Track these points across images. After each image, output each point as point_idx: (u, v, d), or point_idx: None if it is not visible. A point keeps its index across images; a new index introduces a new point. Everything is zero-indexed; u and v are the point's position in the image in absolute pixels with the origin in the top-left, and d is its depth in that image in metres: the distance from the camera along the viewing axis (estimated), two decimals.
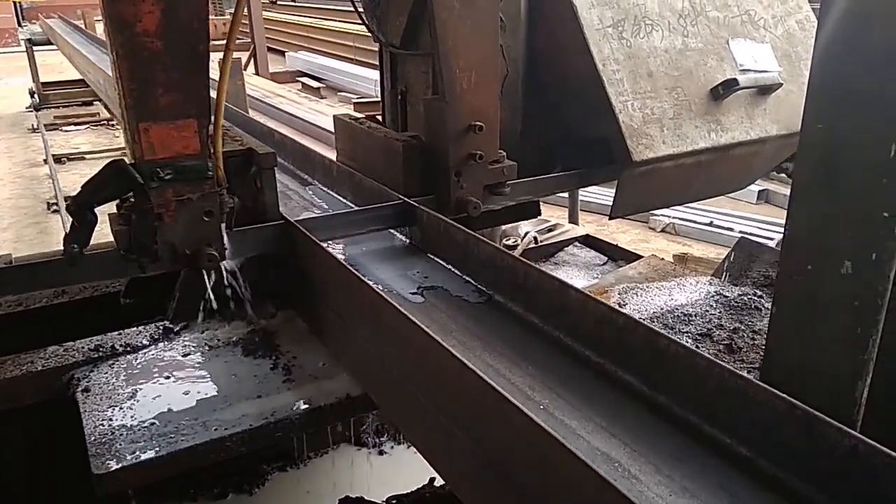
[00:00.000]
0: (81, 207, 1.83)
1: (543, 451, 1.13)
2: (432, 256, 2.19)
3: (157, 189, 1.86)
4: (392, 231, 2.36)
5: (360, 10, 2.81)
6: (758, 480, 1.23)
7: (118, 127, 10.74)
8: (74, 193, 1.84)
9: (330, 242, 2.16)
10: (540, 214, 2.99)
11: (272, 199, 2.14)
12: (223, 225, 2.00)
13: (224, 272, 2.04)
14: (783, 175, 7.53)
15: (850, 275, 1.59)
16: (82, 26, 11.86)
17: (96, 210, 1.85)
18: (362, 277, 1.69)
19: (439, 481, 2.33)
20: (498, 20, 2.28)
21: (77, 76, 12.22)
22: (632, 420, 1.40)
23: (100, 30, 17.67)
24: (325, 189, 2.83)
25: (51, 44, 12.07)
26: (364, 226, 2.22)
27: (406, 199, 2.27)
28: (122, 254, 1.92)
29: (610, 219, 2.77)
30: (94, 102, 12.05)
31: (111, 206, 1.93)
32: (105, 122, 11.20)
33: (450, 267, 2.11)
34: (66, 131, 10.79)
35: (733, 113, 2.76)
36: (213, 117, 1.92)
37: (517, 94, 2.74)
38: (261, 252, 2.12)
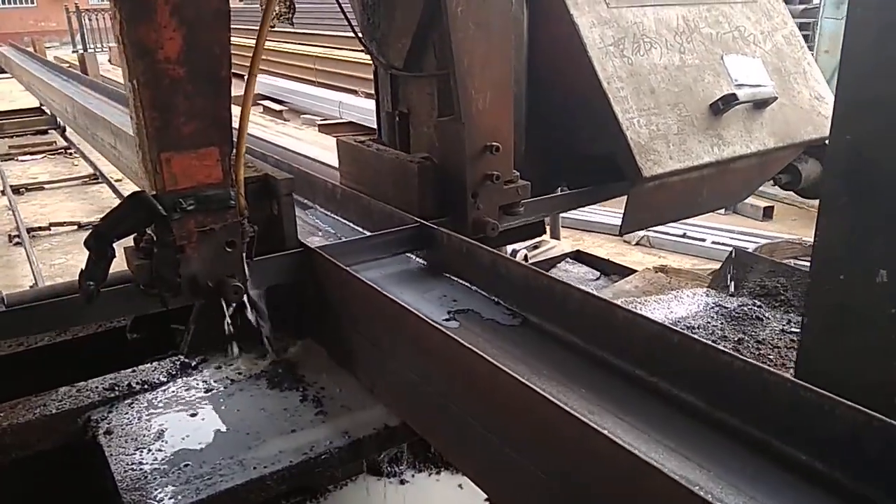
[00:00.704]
0: (101, 241, 1.74)
1: (634, 478, 1.11)
2: (454, 278, 2.16)
3: (180, 220, 1.79)
4: (408, 254, 2.32)
5: (359, 34, 2.78)
6: (838, 496, 1.22)
7: (76, 156, 10.47)
8: (94, 225, 1.76)
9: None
10: (545, 233, 2.98)
11: (290, 227, 2.09)
12: (244, 255, 1.94)
13: (245, 303, 1.98)
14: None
15: (886, 283, 1.61)
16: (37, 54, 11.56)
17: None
18: (402, 303, 1.65)
19: None
20: (511, 41, 2.28)
21: (30, 104, 11.94)
22: (700, 441, 1.38)
23: (51, 55, 17.30)
24: (327, 213, 2.78)
25: (3, 72, 11.73)
26: (387, 250, 2.18)
27: (422, 221, 2.24)
28: (141, 288, 1.85)
29: (620, 234, 2.78)
30: (50, 131, 11.75)
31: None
32: (63, 150, 10.91)
33: (475, 289, 2.08)
34: (23, 161, 10.46)
35: (733, 127, 2.80)
36: (235, 145, 1.86)
37: (521, 113, 2.74)
38: (282, 282, 2.06)
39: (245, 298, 1.99)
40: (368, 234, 2.37)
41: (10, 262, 6.99)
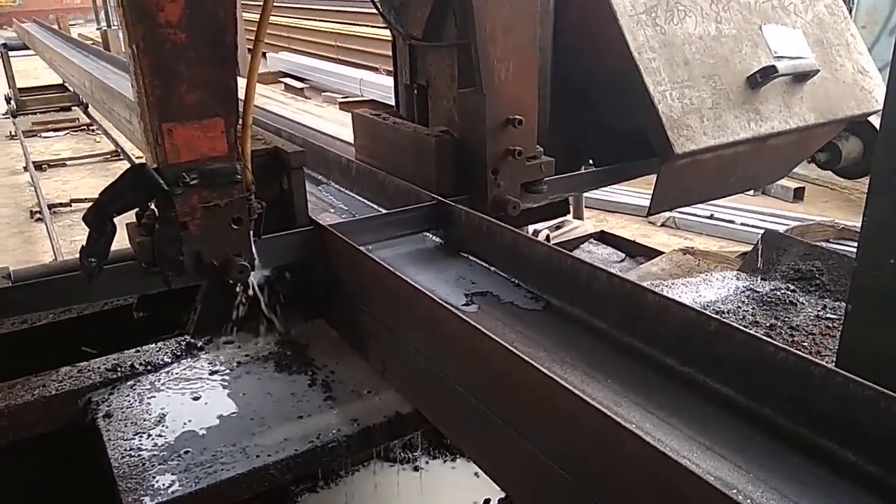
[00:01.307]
0: (99, 217, 1.66)
1: (663, 479, 1.00)
2: (472, 258, 2.05)
3: (183, 195, 1.70)
4: (424, 233, 2.21)
5: (377, 1, 2.65)
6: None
7: (98, 132, 10.47)
8: (91, 202, 1.67)
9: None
10: (569, 212, 2.85)
11: (301, 202, 1.98)
12: (251, 232, 1.84)
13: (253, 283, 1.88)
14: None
15: None
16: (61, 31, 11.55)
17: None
18: (415, 284, 1.55)
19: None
20: (537, 5, 2.14)
21: (54, 81, 11.95)
22: (738, 439, 1.26)
23: (75, 32, 17.32)
24: (342, 189, 2.68)
25: (26, 48, 11.75)
26: (402, 228, 2.07)
27: (439, 198, 2.12)
28: (144, 267, 1.76)
29: (648, 215, 2.65)
30: (73, 108, 11.77)
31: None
32: (85, 127, 10.92)
33: (495, 270, 1.97)
34: (46, 137, 10.49)
35: (771, 101, 2.64)
36: (240, 116, 1.76)
37: (546, 84, 2.60)
38: (291, 260, 1.96)
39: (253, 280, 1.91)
40: (383, 211, 2.26)
41: (31, 237, 7.00)
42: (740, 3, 2.72)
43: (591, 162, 2.82)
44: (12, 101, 11.62)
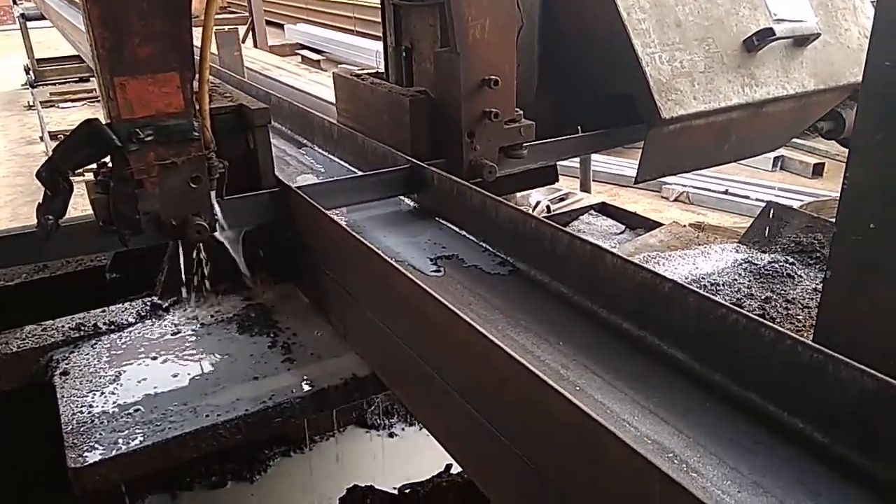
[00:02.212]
0: (53, 174, 1.63)
1: (589, 441, 0.95)
2: (443, 222, 2.00)
3: (137, 152, 1.66)
4: (399, 197, 2.15)
5: None
6: (840, 471, 1.04)
7: None
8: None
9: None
10: (557, 180, 2.78)
11: (266, 161, 1.94)
12: (213, 192, 1.80)
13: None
14: (803, 142, 7.29)
15: None
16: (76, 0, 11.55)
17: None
18: (375, 248, 1.50)
19: (456, 468, 2.15)
20: None
21: (71, 52, 11.98)
22: (683, 403, 1.21)
23: None
24: (324, 153, 2.63)
25: (44, 18, 11.78)
26: (371, 192, 2.02)
27: (413, 160, 2.06)
28: (101, 225, 1.73)
29: (635, 183, 2.57)
30: (90, 78, 11.79)
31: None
32: None
33: (464, 233, 1.91)
34: (63, 108, 10.55)
35: (768, 66, 2.54)
36: (197, 71, 1.71)
37: (532, 47, 2.52)
38: (257, 223, 1.92)
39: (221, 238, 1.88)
40: (357, 174, 2.21)
41: None
42: None
43: (580, 129, 2.74)
44: (31, 72, 11.69)
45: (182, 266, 1.89)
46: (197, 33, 1.67)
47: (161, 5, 1.58)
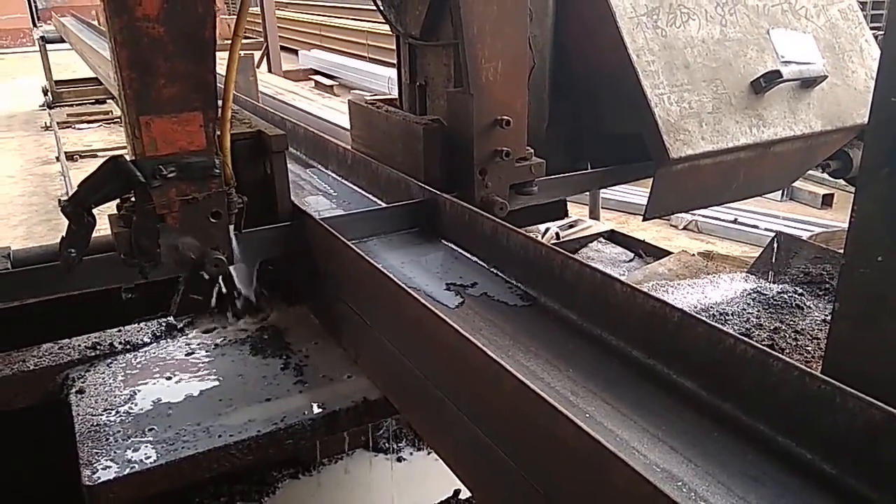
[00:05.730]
0: (78, 208, 1.68)
1: (597, 468, 0.97)
2: (455, 247, 2.04)
3: (160, 188, 1.71)
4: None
5: (378, 1, 2.65)
6: (848, 503, 1.06)
7: None
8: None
9: None
10: (567, 215, 2.82)
11: (283, 187, 1.99)
12: (231, 227, 1.86)
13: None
14: (813, 172, 7.29)
15: None
16: (96, 24, 11.79)
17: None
18: (392, 276, 1.53)
19: (465, 493, 2.17)
20: (527, 5, 2.12)
21: (90, 74, 12.18)
22: (693, 432, 1.23)
23: None
24: (338, 178, 2.70)
25: (63, 41, 12.01)
26: (390, 225, 2.07)
27: (426, 186, 2.11)
28: (122, 258, 1.78)
29: (644, 220, 2.60)
30: (107, 100, 11.99)
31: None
32: (118, 119, 11.11)
33: (476, 259, 1.96)
34: (79, 129, 10.71)
35: (775, 107, 2.58)
36: (220, 110, 1.77)
37: (544, 86, 2.58)
38: (273, 255, 1.97)
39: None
40: (375, 200, 2.26)
41: (60, 225, 7.11)
42: (748, 6, 2.67)
43: (589, 165, 2.79)
44: (49, 94, 11.89)
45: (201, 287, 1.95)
46: (220, 69, 1.73)
47: (186, 48, 1.65)
